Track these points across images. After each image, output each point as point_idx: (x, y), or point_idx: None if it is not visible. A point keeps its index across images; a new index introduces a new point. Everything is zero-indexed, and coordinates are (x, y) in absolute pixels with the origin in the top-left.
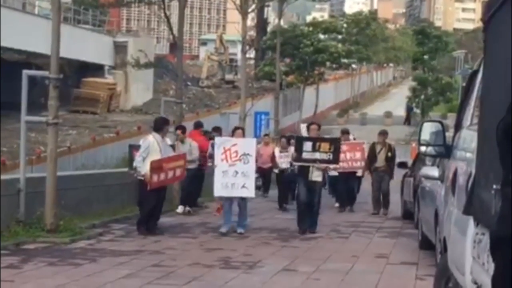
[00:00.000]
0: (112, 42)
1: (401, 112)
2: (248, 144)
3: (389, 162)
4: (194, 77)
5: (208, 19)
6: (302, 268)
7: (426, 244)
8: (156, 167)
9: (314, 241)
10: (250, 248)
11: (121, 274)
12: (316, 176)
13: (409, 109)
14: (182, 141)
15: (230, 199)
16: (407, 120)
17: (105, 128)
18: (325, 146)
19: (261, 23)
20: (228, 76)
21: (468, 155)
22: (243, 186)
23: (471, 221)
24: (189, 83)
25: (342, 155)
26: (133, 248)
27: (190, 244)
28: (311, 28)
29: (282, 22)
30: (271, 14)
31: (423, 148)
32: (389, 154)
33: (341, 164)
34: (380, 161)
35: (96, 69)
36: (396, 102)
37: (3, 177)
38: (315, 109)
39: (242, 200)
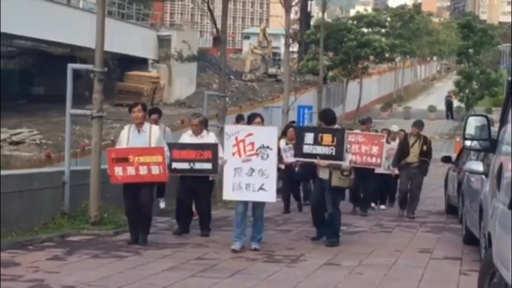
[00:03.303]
0: (155, 35)
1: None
2: (267, 134)
3: (423, 158)
4: (237, 70)
5: (252, 12)
6: (345, 262)
7: (470, 239)
8: (117, 157)
9: (357, 235)
10: (293, 242)
11: (164, 266)
12: (322, 173)
13: (449, 104)
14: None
15: (244, 204)
16: (449, 115)
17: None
18: (327, 138)
19: (305, 16)
20: (271, 70)
21: None
22: (260, 188)
23: None
24: (232, 77)
25: (356, 147)
26: (176, 241)
27: (232, 237)
28: (354, 22)
29: (325, 16)
30: (314, 8)
31: (468, 143)
32: (424, 148)
33: (353, 157)
34: (413, 156)
35: (140, 63)
36: (440, 96)
37: (48, 169)
38: (358, 103)
39: (258, 207)
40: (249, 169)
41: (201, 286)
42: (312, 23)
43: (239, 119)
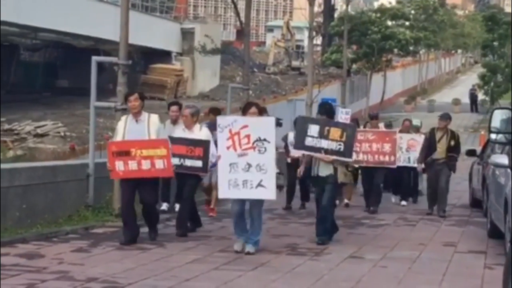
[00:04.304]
0: (179, 28)
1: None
2: (264, 126)
3: (451, 153)
4: (260, 63)
5: (275, 5)
6: (369, 256)
7: (495, 233)
8: (118, 151)
9: (381, 228)
10: None
11: (188, 259)
12: (323, 170)
13: (473, 97)
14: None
15: (240, 204)
16: (474, 108)
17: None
18: (335, 132)
19: (328, 9)
20: (295, 63)
21: None
22: (259, 185)
23: None
24: (255, 70)
25: (367, 145)
26: (200, 233)
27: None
28: (378, 15)
29: (349, 9)
30: (338, 0)
31: (493, 136)
32: (452, 142)
33: (364, 156)
34: (441, 152)
35: (164, 56)
36: (465, 89)
37: (73, 162)
38: (382, 96)
39: (256, 205)
40: (246, 164)
41: (225, 279)
42: (335, 15)
43: (262, 112)
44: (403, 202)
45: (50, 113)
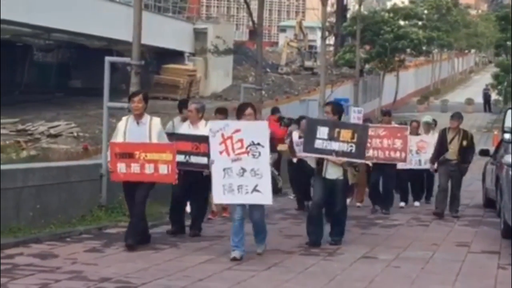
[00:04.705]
0: (192, 29)
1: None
2: (257, 130)
3: (464, 154)
4: (273, 63)
5: (288, 5)
6: (382, 256)
7: (508, 233)
8: (121, 152)
9: (394, 228)
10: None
11: (201, 259)
12: (331, 173)
13: (487, 97)
14: None
15: (242, 208)
16: (487, 108)
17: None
18: (346, 134)
19: (341, 9)
20: (308, 63)
21: None
22: (254, 190)
23: None
24: (268, 70)
25: (377, 141)
26: (213, 233)
27: (269, 231)
28: (391, 14)
29: (362, 8)
30: (351, 0)
31: (507, 136)
32: (464, 143)
33: (375, 152)
34: (452, 153)
35: (176, 56)
36: (478, 89)
37: (86, 162)
38: (395, 96)
39: (256, 209)
40: (240, 169)
41: (238, 279)
42: (348, 15)
43: (274, 112)
44: (416, 203)
45: (63, 113)
